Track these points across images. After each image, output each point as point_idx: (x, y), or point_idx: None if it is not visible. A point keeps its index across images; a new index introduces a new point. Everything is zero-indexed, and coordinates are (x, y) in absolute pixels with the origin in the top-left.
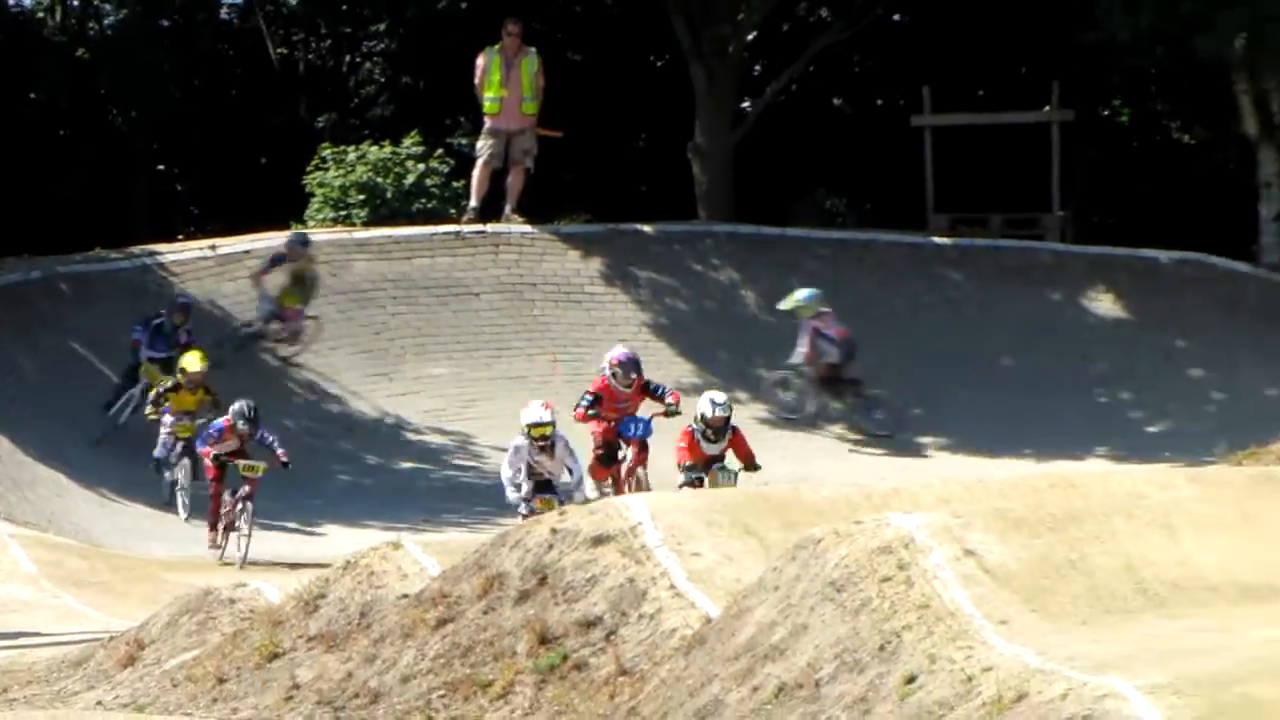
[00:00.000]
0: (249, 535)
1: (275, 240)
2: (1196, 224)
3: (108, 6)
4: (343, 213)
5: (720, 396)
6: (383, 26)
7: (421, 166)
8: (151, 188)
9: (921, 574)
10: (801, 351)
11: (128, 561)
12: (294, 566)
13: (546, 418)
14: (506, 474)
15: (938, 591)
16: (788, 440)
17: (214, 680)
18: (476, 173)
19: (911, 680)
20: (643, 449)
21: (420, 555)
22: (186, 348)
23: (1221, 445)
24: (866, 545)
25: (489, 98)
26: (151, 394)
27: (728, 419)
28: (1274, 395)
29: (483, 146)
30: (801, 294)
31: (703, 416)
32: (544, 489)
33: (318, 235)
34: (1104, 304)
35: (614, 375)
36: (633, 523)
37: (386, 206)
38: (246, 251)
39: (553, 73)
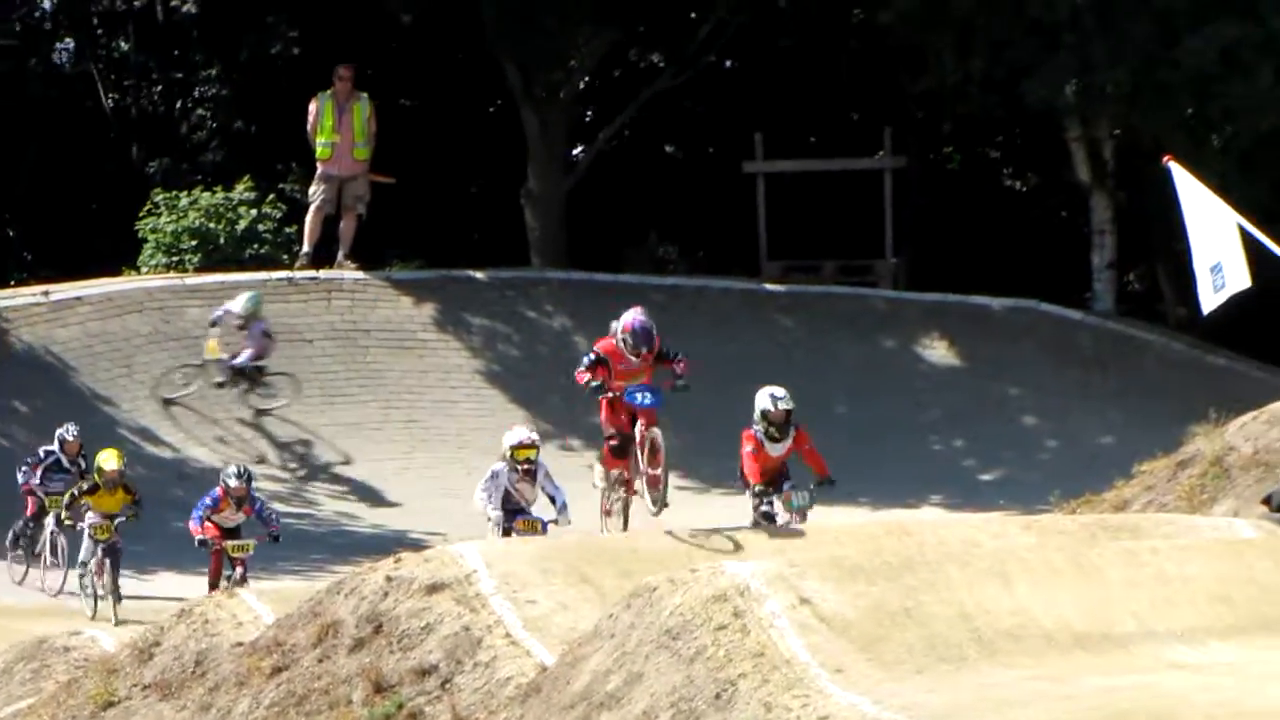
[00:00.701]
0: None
1: (110, 287)
2: (1029, 271)
3: None
4: (175, 258)
5: (780, 390)
6: (214, 72)
7: (254, 212)
8: None
9: (757, 622)
10: (249, 351)
11: None
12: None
13: (532, 439)
14: (479, 498)
15: (773, 640)
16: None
17: None
18: (309, 218)
19: None
20: (651, 421)
21: (255, 603)
22: (84, 474)
23: (1055, 493)
24: (702, 593)
25: (321, 143)
26: (66, 497)
27: (789, 413)
28: (1107, 443)
29: (315, 192)
30: (248, 296)
31: (764, 414)
32: (519, 512)
33: (150, 282)
34: (937, 351)
35: (623, 342)
36: (467, 570)
37: (219, 252)
38: (78, 298)
39: (385, 118)
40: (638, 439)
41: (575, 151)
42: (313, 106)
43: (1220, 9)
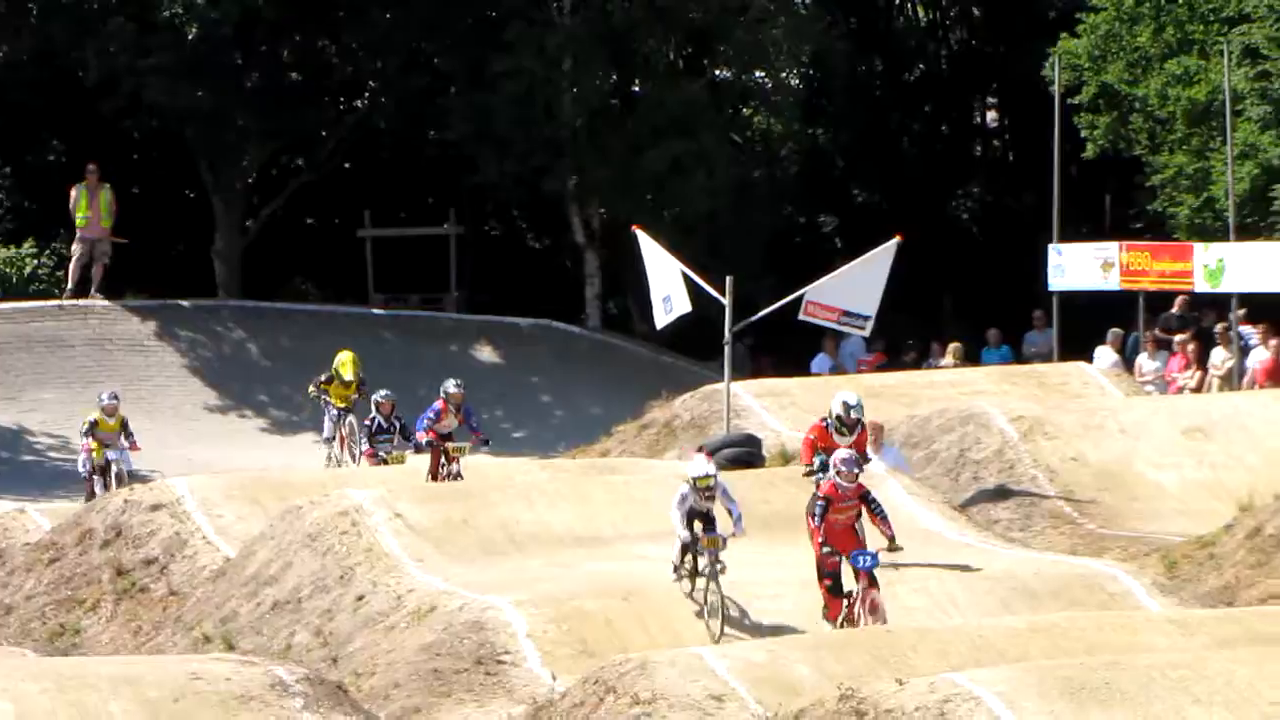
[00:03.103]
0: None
1: None
2: (545, 300)
3: None
4: None
5: (853, 399)
6: (8, 169)
7: (36, 261)
8: None
9: (368, 529)
10: None
11: None
12: None
13: (710, 470)
14: (674, 517)
15: (378, 540)
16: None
17: None
18: (71, 267)
19: (361, 598)
20: (872, 582)
21: (38, 517)
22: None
23: (561, 446)
24: (331, 510)
25: (79, 217)
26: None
27: (860, 420)
28: (596, 413)
29: (76, 249)
30: None
31: (837, 416)
32: (706, 525)
33: None
34: (485, 354)
35: (840, 478)
36: (178, 495)
37: (14, 288)
38: None
39: (122, 199)
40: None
41: (248, 223)
42: (73, 193)
43: (671, 133)
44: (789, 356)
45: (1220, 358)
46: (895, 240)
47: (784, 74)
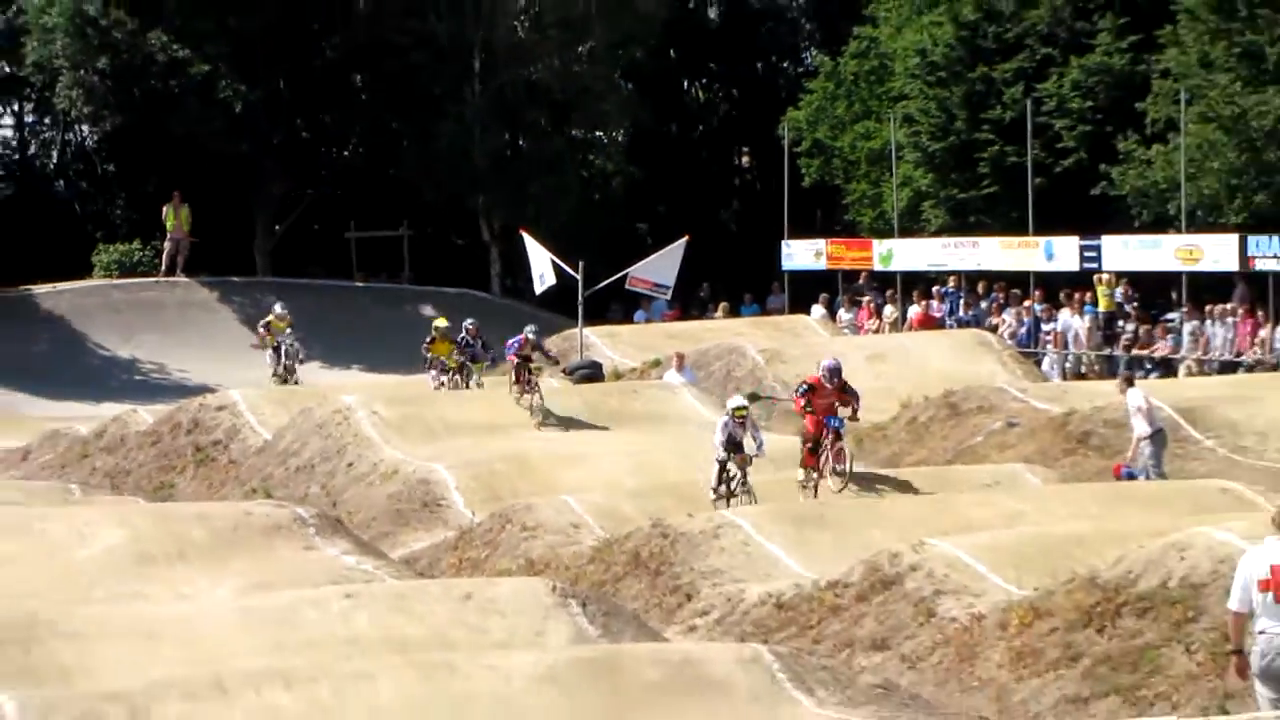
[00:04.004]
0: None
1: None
2: (464, 277)
3: None
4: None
5: (833, 361)
6: (124, 194)
7: (141, 253)
8: None
9: (355, 420)
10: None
11: None
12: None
13: (744, 403)
14: (718, 439)
15: (362, 429)
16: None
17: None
18: (164, 257)
19: (351, 465)
20: (838, 438)
21: (145, 415)
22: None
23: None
24: (330, 409)
25: (169, 225)
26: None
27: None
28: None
29: (166, 246)
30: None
31: (829, 367)
32: (737, 449)
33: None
34: (427, 311)
35: (824, 376)
36: (234, 400)
37: (127, 270)
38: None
39: (196, 213)
40: (830, 450)
41: (276, 228)
42: (165, 209)
43: (543, 171)
44: (620, 312)
45: (889, 311)
46: (684, 239)
47: (614, 133)
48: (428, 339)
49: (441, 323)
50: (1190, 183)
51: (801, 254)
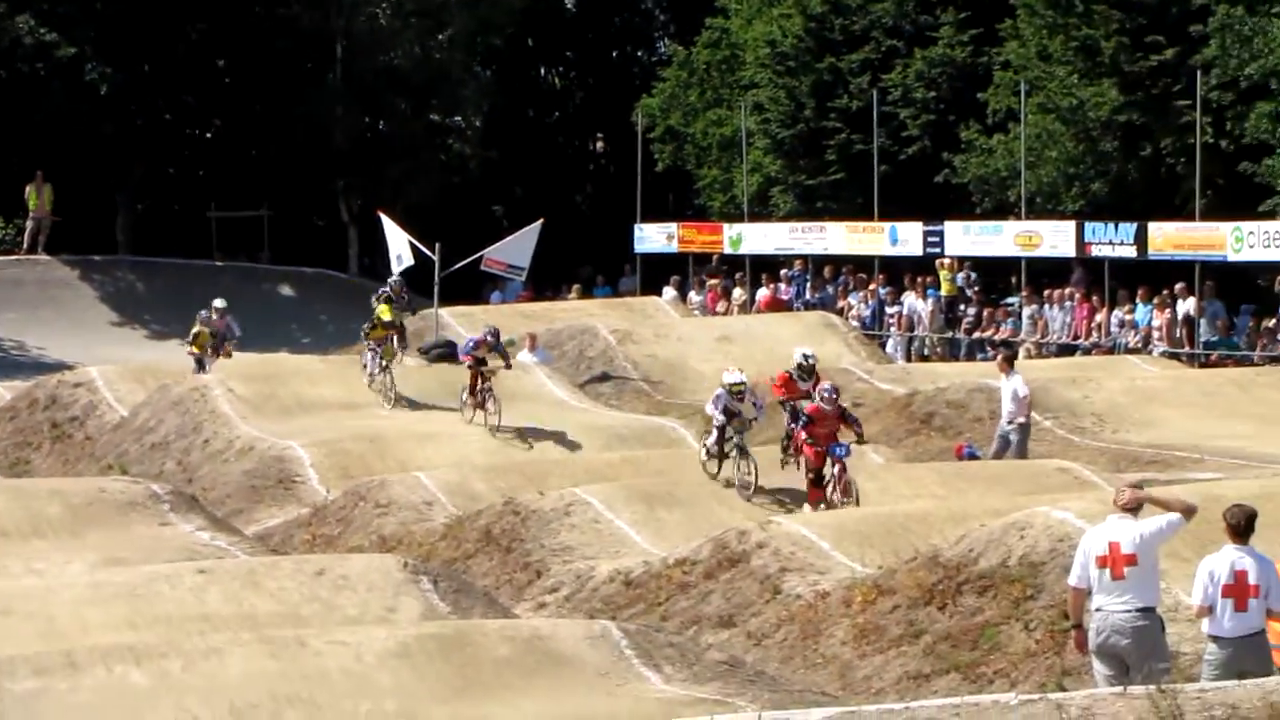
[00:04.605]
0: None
1: None
2: (322, 257)
3: None
4: None
5: (810, 350)
6: None
7: (3, 231)
8: None
9: (212, 397)
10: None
11: None
12: None
13: (741, 379)
14: (710, 408)
15: (219, 406)
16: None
17: None
18: (26, 235)
19: (207, 441)
20: (845, 468)
21: (3, 391)
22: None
23: (332, 347)
24: (189, 386)
25: (31, 204)
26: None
27: (813, 365)
28: (354, 327)
29: (29, 224)
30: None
31: (798, 365)
32: (733, 416)
33: None
34: (285, 290)
35: (823, 402)
36: (92, 377)
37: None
38: None
39: (58, 193)
40: (840, 485)
41: (138, 207)
42: (27, 189)
43: (403, 155)
44: (476, 292)
45: (737, 294)
46: (539, 222)
47: (472, 117)
48: (368, 324)
49: (385, 315)
50: (1030, 171)
51: (654, 237)
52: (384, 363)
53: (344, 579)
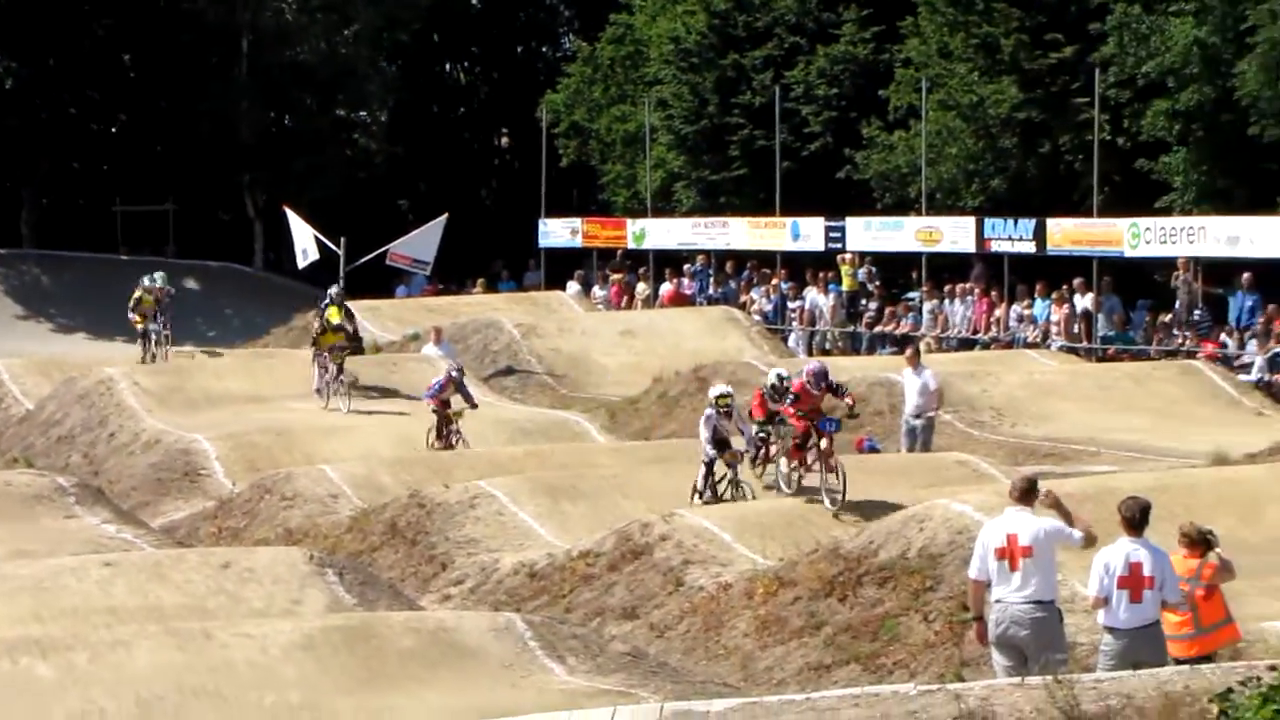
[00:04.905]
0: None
1: None
2: (227, 251)
3: None
4: None
5: (784, 370)
6: None
7: None
8: None
9: (118, 391)
10: None
11: None
12: None
13: (728, 390)
14: (704, 435)
15: (125, 399)
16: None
17: None
18: None
19: (113, 435)
20: (831, 441)
21: None
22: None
23: (239, 341)
24: (95, 380)
25: None
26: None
27: (788, 387)
28: (259, 321)
29: None
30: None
31: (771, 386)
32: (724, 447)
33: None
34: (191, 284)
35: (808, 382)
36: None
37: None
38: None
39: None
40: (824, 456)
41: (43, 201)
42: None
43: (308, 149)
44: (382, 286)
45: (641, 288)
46: (443, 216)
47: (377, 112)
48: (317, 328)
49: (334, 318)
50: (930, 168)
51: (558, 232)
52: (338, 365)
53: (249, 571)
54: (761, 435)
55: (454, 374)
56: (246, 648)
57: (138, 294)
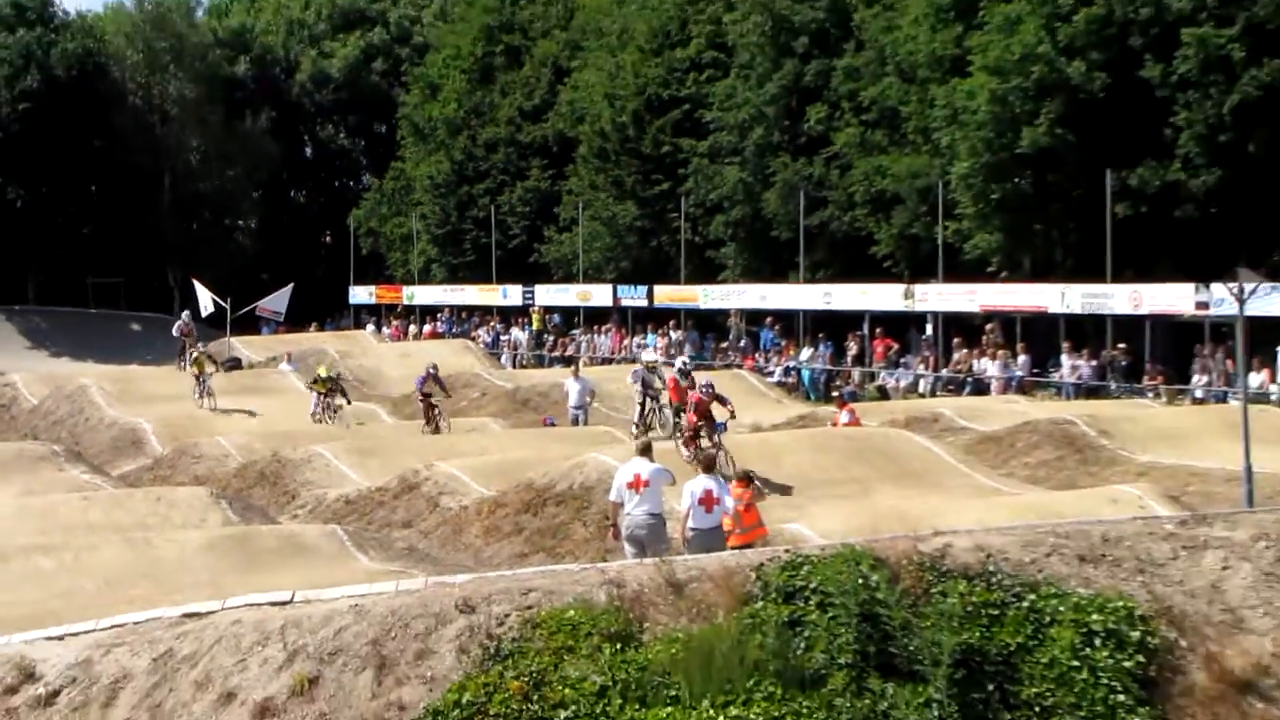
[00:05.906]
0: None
1: None
2: (154, 307)
3: None
4: None
5: (687, 359)
6: None
7: None
8: None
9: (90, 393)
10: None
11: None
12: None
13: (656, 358)
14: (634, 385)
15: (94, 398)
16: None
17: None
18: None
19: (89, 420)
20: (720, 438)
21: None
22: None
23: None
24: (74, 386)
25: None
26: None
27: (690, 370)
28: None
29: None
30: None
31: (679, 370)
32: (658, 398)
33: None
34: (134, 328)
35: (677, 376)
36: (14, 380)
37: None
38: None
39: None
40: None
41: None
42: None
43: (206, 246)
44: (253, 327)
45: (412, 329)
46: (290, 285)
47: (251, 222)
48: (312, 379)
49: (323, 371)
50: (585, 254)
51: (361, 294)
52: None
53: (173, 503)
54: (676, 415)
55: (431, 370)
56: (172, 548)
57: (194, 355)
